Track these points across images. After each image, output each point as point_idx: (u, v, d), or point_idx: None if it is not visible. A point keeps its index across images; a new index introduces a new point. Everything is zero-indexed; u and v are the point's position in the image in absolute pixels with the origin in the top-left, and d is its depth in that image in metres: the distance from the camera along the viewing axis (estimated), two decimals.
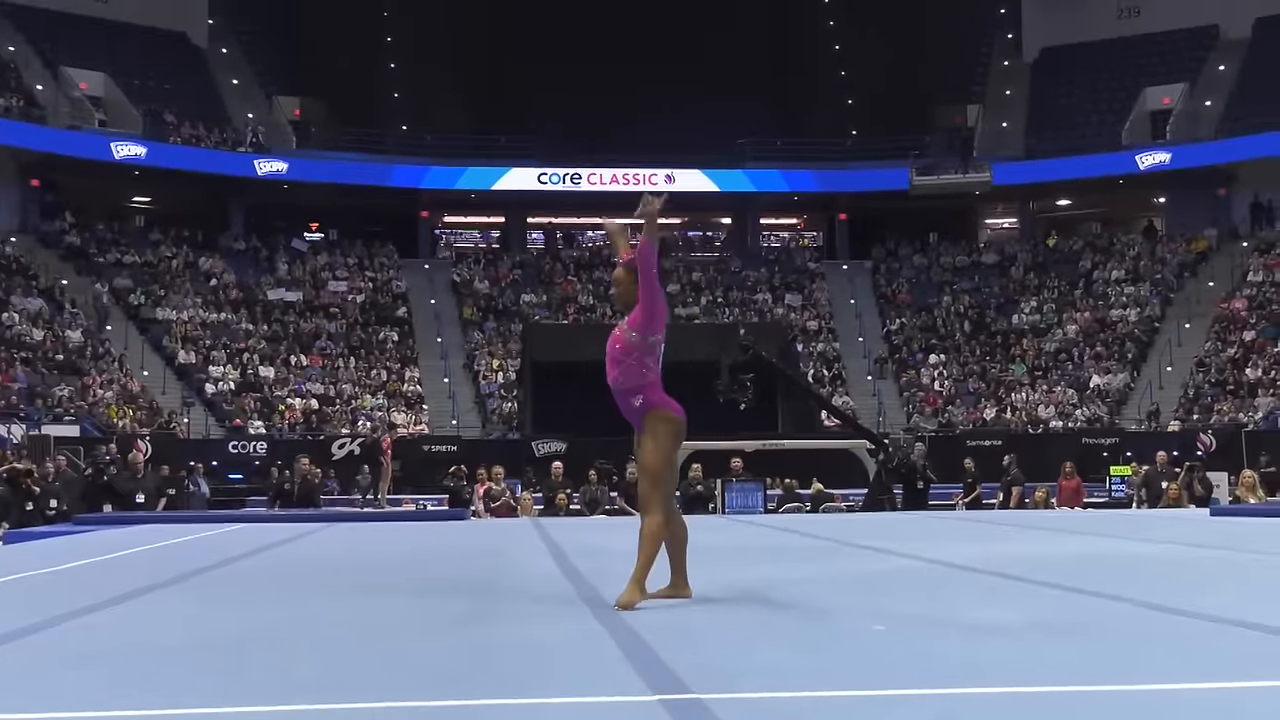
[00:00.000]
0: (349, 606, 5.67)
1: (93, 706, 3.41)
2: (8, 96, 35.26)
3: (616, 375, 5.51)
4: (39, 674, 3.95)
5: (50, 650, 4.48)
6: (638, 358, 5.47)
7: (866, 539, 9.95)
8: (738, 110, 39.69)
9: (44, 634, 4.85)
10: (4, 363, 29.44)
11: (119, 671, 3.96)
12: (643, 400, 5.47)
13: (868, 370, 36.61)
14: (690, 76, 39.20)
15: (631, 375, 5.47)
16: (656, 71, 39.02)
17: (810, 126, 41.39)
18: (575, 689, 3.60)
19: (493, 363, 35.56)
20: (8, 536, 12.78)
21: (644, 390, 5.47)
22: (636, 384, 5.47)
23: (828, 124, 41.74)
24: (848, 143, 41.65)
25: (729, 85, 39.35)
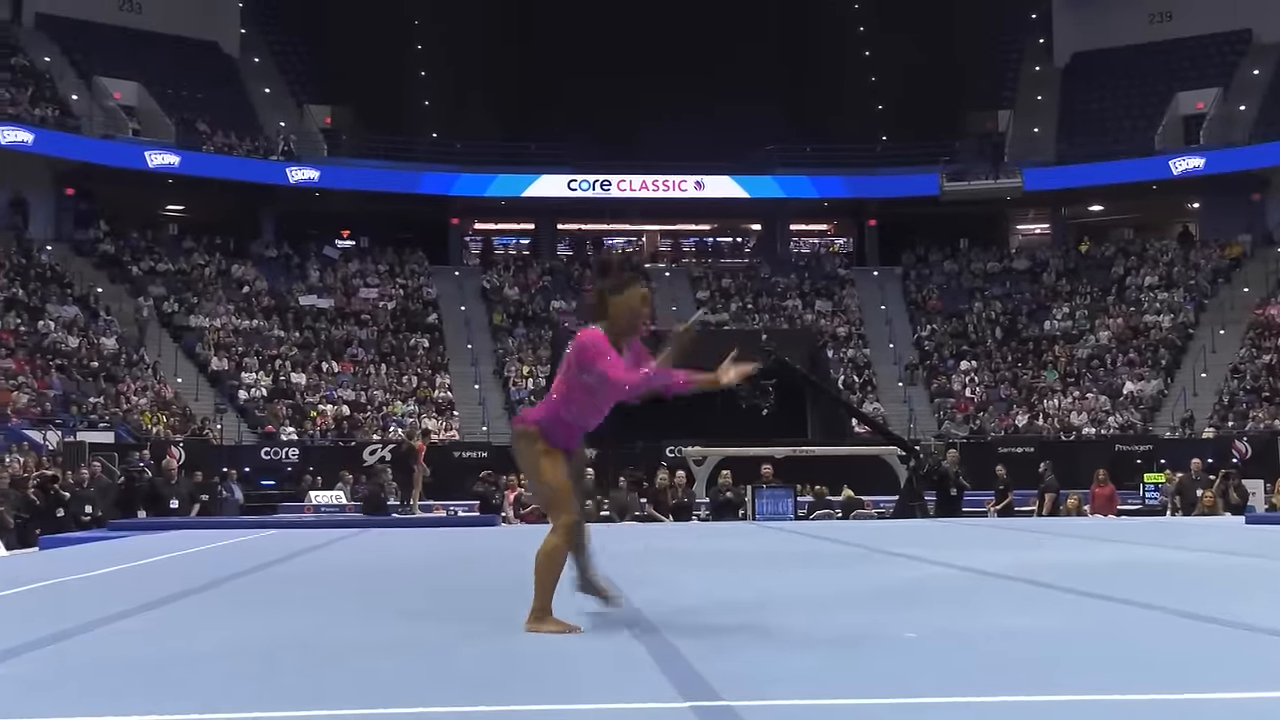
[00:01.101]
0: (381, 612, 5.69)
1: (125, 711, 3.43)
2: (43, 107, 35.62)
3: None
4: (71, 679, 3.98)
5: (83, 656, 4.52)
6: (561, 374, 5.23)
7: (898, 546, 9.89)
8: (768, 116, 39.63)
9: (76, 639, 4.89)
10: (40, 370, 29.70)
11: (151, 677, 3.99)
12: None
13: (898, 377, 36.47)
14: (720, 83, 39.16)
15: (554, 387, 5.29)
16: (686, 78, 39.02)
17: (840, 132, 41.30)
18: (607, 695, 3.60)
19: (523, 369, 35.62)
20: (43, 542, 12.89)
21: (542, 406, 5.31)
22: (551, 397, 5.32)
23: (857, 130, 41.64)
24: (878, 148, 41.53)
25: (759, 91, 39.30)
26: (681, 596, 6.25)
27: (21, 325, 31.32)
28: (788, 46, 41.75)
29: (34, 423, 26.31)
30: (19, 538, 14.60)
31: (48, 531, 14.54)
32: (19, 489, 16.42)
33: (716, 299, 39.39)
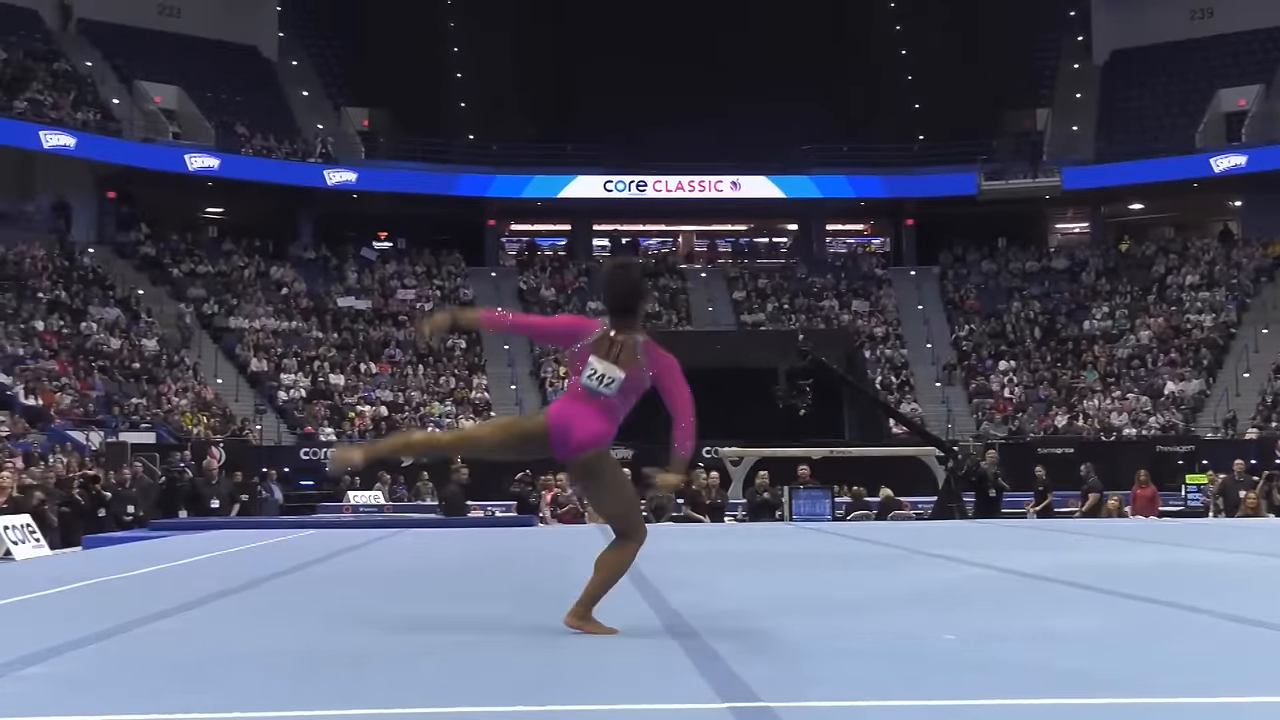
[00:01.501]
0: (419, 612, 5.71)
1: (163, 710, 3.46)
2: (85, 111, 36.01)
3: None
4: (112, 678, 4.02)
5: (123, 655, 4.57)
6: None
7: (936, 547, 9.84)
8: (803, 116, 39.54)
9: (117, 639, 4.94)
10: (82, 371, 30.02)
11: (190, 676, 4.02)
12: None
13: (936, 377, 36.28)
14: (756, 82, 39.10)
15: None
16: (722, 78, 38.99)
17: (876, 132, 41.14)
18: (645, 697, 3.60)
19: (559, 370, 35.68)
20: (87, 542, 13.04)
21: None
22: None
23: (894, 129, 41.45)
24: (914, 148, 41.32)
25: (795, 91, 39.20)
26: (719, 598, 6.24)
27: (64, 327, 31.68)
28: (824, 46, 41.61)
29: (77, 423, 26.59)
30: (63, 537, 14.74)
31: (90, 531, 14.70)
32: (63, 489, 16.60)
33: (752, 299, 39.33)
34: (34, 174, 35.74)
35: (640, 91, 38.75)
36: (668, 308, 38.69)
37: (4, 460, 19.06)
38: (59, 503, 15.79)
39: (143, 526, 15.59)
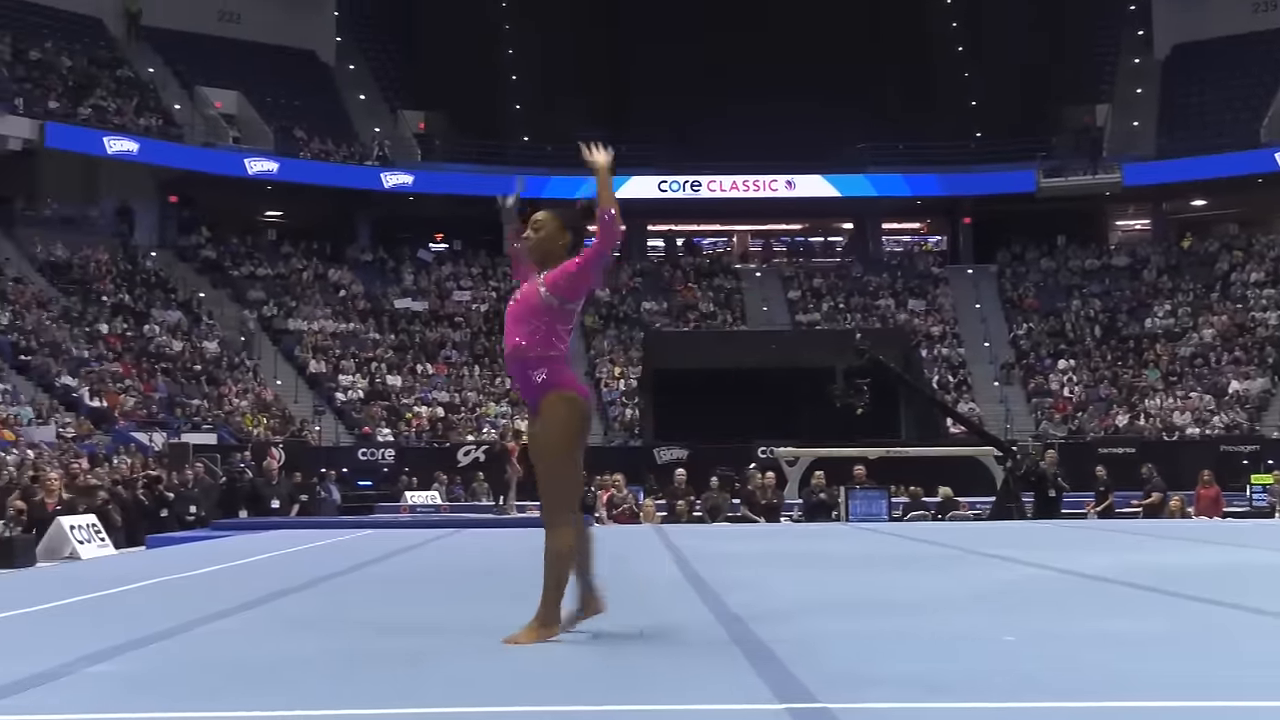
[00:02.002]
0: (476, 612, 5.72)
1: (223, 708, 3.51)
2: (147, 116, 36.59)
3: (520, 340, 4.70)
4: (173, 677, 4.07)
5: (185, 654, 4.62)
6: (548, 323, 4.71)
7: (994, 548, 9.73)
8: (859, 114, 39.33)
9: (179, 638, 5.00)
10: (145, 373, 30.48)
11: (249, 675, 4.06)
12: (546, 375, 4.69)
13: (994, 376, 35.94)
14: (811, 81, 38.93)
15: (539, 342, 4.69)
16: (777, 77, 38.86)
17: (933, 129, 40.80)
18: (702, 697, 3.60)
19: (614, 370, 35.75)
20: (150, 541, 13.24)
21: (549, 363, 4.69)
22: (542, 354, 4.70)
23: (951, 126, 41.09)
24: (972, 145, 40.96)
25: (850, 89, 39.01)
26: (775, 598, 6.22)
27: (128, 330, 32.19)
28: (880, 43, 41.37)
29: (140, 425, 27.01)
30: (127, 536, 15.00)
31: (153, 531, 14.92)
32: (128, 489, 16.87)
33: (807, 299, 39.17)
34: (98, 179, 36.38)
35: (694, 91, 38.75)
36: (722, 307, 38.63)
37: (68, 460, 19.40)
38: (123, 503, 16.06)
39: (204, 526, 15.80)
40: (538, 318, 4.69)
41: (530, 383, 4.70)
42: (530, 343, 4.68)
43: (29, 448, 20.56)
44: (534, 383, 4.68)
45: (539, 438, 4.71)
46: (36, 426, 24.12)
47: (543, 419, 4.68)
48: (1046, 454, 18.78)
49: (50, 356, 28.38)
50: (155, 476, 18.12)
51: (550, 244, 4.84)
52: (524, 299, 4.75)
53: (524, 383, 4.73)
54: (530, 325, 4.69)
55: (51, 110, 34.09)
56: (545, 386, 4.67)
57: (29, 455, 19.07)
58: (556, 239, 4.85)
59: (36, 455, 19.19)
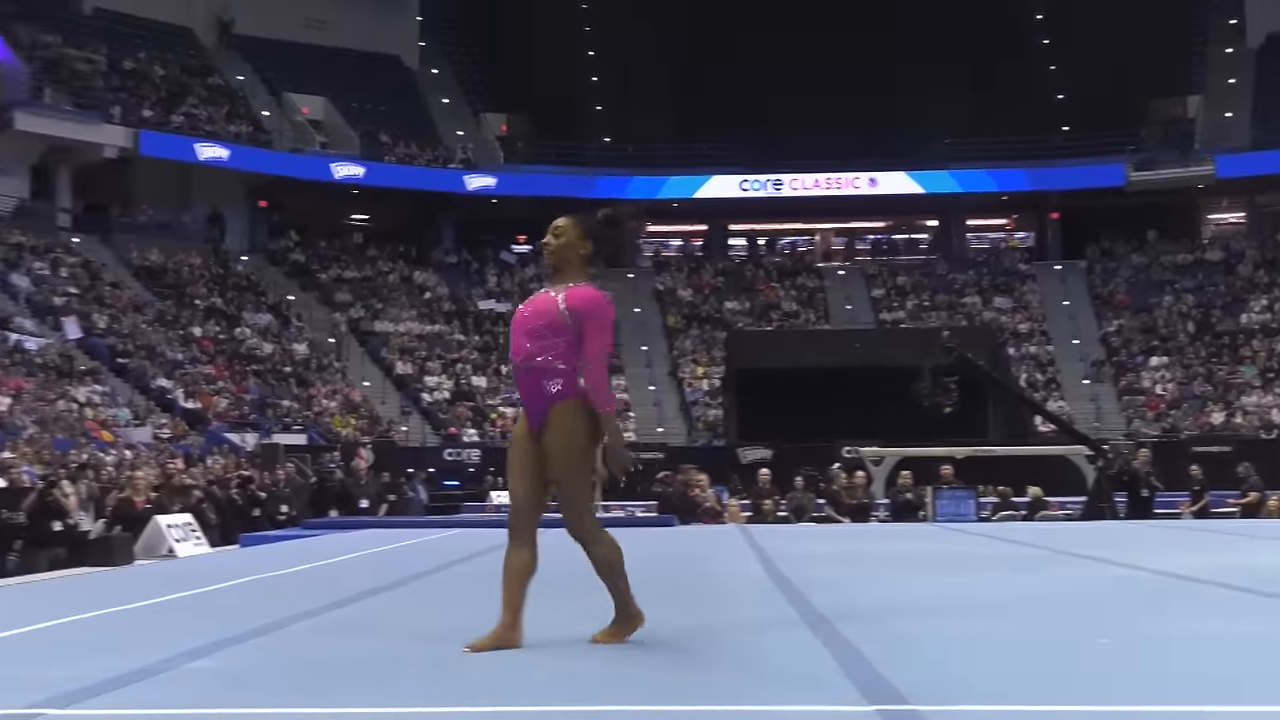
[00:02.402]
0: (563, 612, 5.73)
1: (318, 705, 3.56)
2: (237, 123, 37.36)
3: (534, 351, 4.58)
4: (269, 674, 4.15)
5: (280, 651, 4.71)
6: (567, 340, 4.59)
7: (1085, 548, 9.57)
8: (942, 110, 38.90)
9: (274, 635, 5.10)
10: (237, 375, 31.09)
11: (342, 673, 4.12)
12: (561, 386, 4.59)
13: (1083, 374, 35.36)
14: (892, 76, 38.65)
15: (558, 355, 4.57)
16: (858, 73, 38.59)
17: (1019, 124, 40.22)
18: (790, 698, 3.58)
19: (697, 370, 35.75)
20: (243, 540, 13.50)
21: (565, 375, 4.59)
22: (558, 365, 4.58)
23: (1037, 120, 40.50)
24: (1059, 139, 40.33)
25: (932, 84, 38.60)
26: (863, 599, 6.19)
27: (220, 332, 32.88)
28: (964, 38, 40.87)
29: (233, 425, 27.55)
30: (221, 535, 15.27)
31: (246, 529, 15.17)
32: (222, 489, 17.21)
33: (891, 297, 38.85)
34: (190, 185, 37.25)
35: (775, 89, 38.61)
36: (805, 306, 38.46)
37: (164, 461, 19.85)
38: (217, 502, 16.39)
39: (295, 525, 15.98)
40: (556, 333, 4.58)
41: (543, 393, 4.59)
42: (545, 355, 4.58)
43: (126, 448, 21.07)
44: (547, 393, 4.58)
45: (559, 448, 4.57)
46: (134, 428, 24.70)
47: (555, 429, 4.57)
48: (1139, 453, 18.44)
49: (146, 359, 29.06)
50: (248, 476, 18.45)
51: (569, 251, 4.75)
52: (539, 311, 4.64)
53: (535, 392, 4.61)
54: (547, 340, 4.58)
55: (145, 119, 34.97)
56: (557, 397, 4.57)
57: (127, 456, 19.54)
58: (576, 247, 4.76)
59: (134, 456, 19.66)
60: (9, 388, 22.84)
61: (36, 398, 23.17)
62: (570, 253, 4.73)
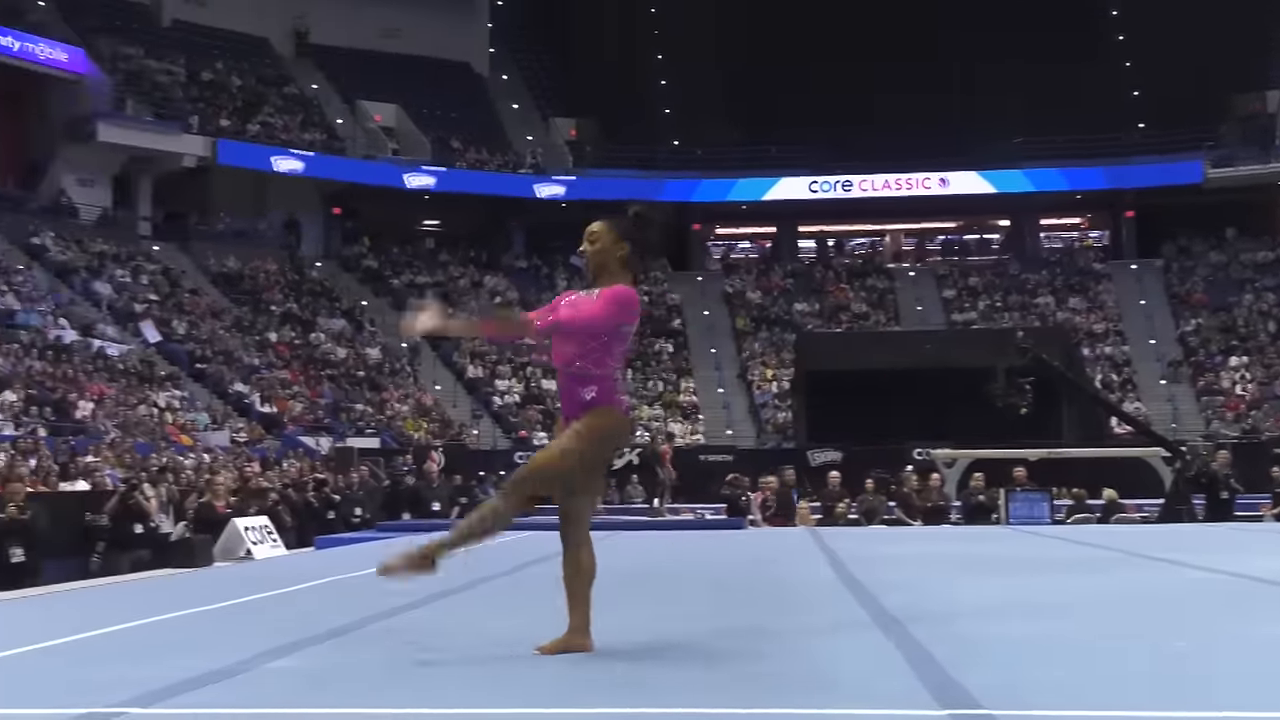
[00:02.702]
0: (634, 614, 5.75)
1: (395, 705, 3.62)
2: (312, 131, 37.93)
3: (573, 356, 4.60)
4: (347, 674, 4.22)
5: (357, 652, 4.78)
6: (605, 342, 4.63)
7: (1162, 551, 9.47)
8: (1014, 108, 38.49)
9: (351, 635, 5.20)
10: (312, 379, 31.55)
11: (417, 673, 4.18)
12: (596, 394, 4.60)
13: (1160, 374, 34.81)
14: (963, 74, 38.32)
15: (593, 361, 4.59)
16: (928, 72, 38.32)
17: (1092, 121, 39.69)
18: (862, 700, 3.58)
19: (766, 372, 35.68)
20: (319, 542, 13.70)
21: (600, 381, 4.61)
22: (594, 372, 4.61)
23: (1112, 118, 39.94)
24: (1134, 136, 39.72)
25: (1004, 82, 38.22)
26: (934, 601, 6.17)
27: (295, 338, 33.39)
28: (1036, 35, 40.40)
29: (307, 429, 27.94)
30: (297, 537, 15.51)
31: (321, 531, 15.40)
32: (298, 492, 17.48)
33: (963, 297, 38.50)
34: (267, 193, 37.89)
35: (844, 91, 38.41)
36: (875, 308, 38.22)
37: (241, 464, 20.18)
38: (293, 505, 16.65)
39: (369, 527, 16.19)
40: (594, 337, 4.61)
41: (578, 399, 4.59)
42: (584, 360, 4.58)
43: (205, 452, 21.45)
44: (582, 399, 4.58)
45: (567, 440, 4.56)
46: (211, 431, 25.14)
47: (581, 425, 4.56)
48: (1218, 454, 18.09)
49: (224, 364, 29.57)
50: (323, 479, 18.74)
51: (606, 255, 4.77)
52: (574, 317, 4.66)
53: (571, 397, 4.62)
54: (585, 344, 4.60)
55: (222, 128, 35.63)
56: (592, 404, 4.57)
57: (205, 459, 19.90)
58: (613, 250, 4.77)
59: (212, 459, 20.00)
60: (92, 393, 23.35)
61: (118, 403, 23.66)
62: (608, 256, 4.75)
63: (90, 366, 24.92)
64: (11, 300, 26.23)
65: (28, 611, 6.98)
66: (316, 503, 17.47)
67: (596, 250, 4.78)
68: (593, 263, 4.78)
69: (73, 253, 30.93)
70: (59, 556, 12.89)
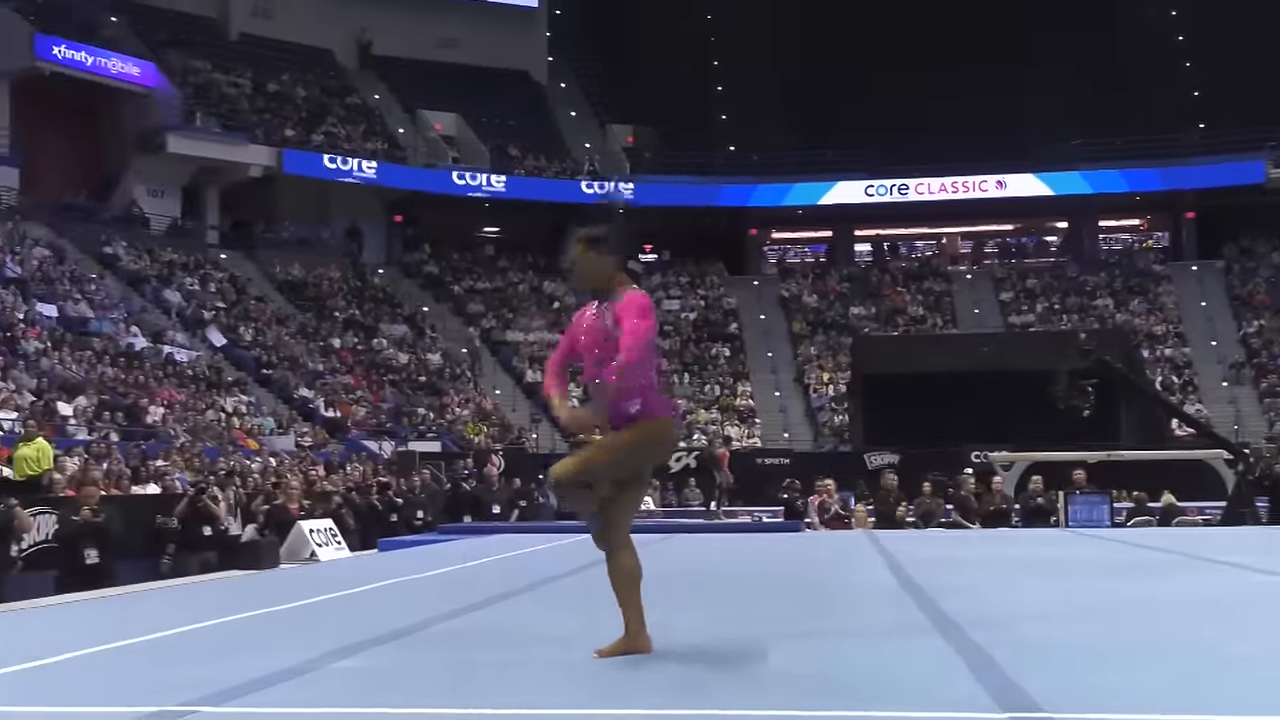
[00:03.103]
0: (691, 616, 5.78)
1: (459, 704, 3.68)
2: (374, 141, 38.46)
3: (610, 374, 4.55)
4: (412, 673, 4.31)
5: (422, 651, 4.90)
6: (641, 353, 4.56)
7: (1223, 554, 9.38)
8: (1071, 109, 38.17)
9: (416, 635, 5.32)
10: (375, 384, 31.93)
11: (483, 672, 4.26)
12: (641, 405, 4.56)
13: (1222, 376, 34.37)
14: (1019, 76, 38.04)
15: (635, 373, 4.52)
16: (984, 74, 38.06)
17: (1151, 122, 39.26)
18: (923, 703, 3.59)
19: (822, 376, 35.66)
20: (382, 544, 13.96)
21: (643, 393, 4.56)
22: (634, 385, 4.54)
23: (1171, 119, 39.45)
24: (1195, 137, 39.23)
25: (1061, 84, 37.93)
26: (993, 605, 6.15)
27: (358, 343, 33.84)
28: (1093, 37, 40.06)
29: (370, 433, 28.27)
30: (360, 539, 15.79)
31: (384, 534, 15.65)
32: (361, 495, 17.77)
33: (1021, 300, 38.24)
34: (330, 201, 38.43)
35: (900, 94, 38.30)
36: (932, 311, 38.06)
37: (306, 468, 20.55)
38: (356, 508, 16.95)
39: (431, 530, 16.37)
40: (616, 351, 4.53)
41: (622, 413, 4.53)
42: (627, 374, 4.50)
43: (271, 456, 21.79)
44: (628, 413, 4.52)
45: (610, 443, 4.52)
46: (277, 436, 25.48)
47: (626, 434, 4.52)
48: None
49: (289, 370, 30.00)
50: (386, 483, 19.02)
51: (591, 268, 4.70)
52: (596, 336, 4.61)
53: (615, 411, 4.55)
54: (607, 363, 4.54)
55: (287, 138, 36.21)
56: (638, 416, 4.52)
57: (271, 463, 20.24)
58: (594, 263, 4.69)
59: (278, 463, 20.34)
60: (162, 398, 23.80)
61: (187, 408, 24.08)
62: (593, 268, 4.68)
63: (160, 372, 25.38)
64: (85, 308, 26.79)
65: (103, 612, 7.13)
66: (380, 506, 17.70)
67: (582, 269, 4.72)
68: (586, 281, 4.75)
69: (143, 262, 31.57)
70: (131, 558, 13.07)
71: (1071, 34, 39.61)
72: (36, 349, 22.84)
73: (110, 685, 4.12)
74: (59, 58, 32.14)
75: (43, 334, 23.74)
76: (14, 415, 18.58)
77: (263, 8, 39.31)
